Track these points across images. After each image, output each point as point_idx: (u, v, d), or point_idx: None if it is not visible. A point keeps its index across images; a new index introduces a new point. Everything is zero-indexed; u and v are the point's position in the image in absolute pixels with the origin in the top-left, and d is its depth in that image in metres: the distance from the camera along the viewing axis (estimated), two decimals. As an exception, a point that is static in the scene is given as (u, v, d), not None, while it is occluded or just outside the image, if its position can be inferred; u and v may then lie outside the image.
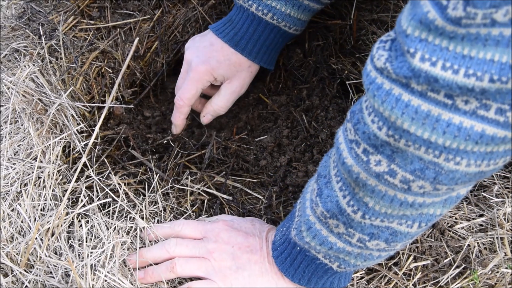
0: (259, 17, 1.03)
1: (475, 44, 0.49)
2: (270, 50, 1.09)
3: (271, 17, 1.03)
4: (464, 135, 0.55)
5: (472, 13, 0.47)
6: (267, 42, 1.07)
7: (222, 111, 1.13)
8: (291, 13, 1.02)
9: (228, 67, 1.07)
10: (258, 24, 1.04)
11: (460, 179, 0.60)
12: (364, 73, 0.61)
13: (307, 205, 0.78)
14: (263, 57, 1.09)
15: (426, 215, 0.68)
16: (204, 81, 1.07)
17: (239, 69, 1.09)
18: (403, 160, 0.60)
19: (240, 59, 1.08)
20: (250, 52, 1.07)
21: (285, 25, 1.04)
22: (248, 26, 1.05)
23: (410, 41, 0.53)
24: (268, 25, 1.04)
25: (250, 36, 1.06)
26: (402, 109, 0.56)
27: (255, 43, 1.06)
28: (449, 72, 0.51)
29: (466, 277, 0.90)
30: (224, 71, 1.08)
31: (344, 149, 0.67)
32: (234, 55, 1.07)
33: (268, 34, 1.06)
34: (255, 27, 1.05)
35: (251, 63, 1.09)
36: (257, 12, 1.03)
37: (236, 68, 1.08)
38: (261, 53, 1.08)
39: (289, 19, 1.03)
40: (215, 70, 1.07)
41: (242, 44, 1.06)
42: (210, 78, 1.08)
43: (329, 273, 0.81)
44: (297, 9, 1.02)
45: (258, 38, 1.06)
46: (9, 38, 1.10)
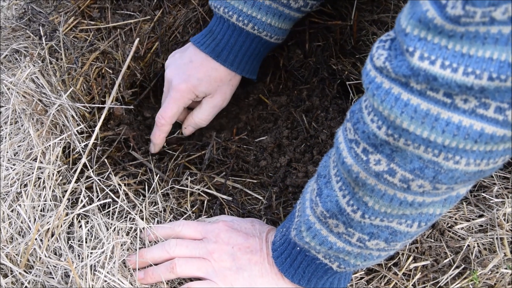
0: (239, 27, 1.02)
1: (474, 43, 0.49)
2: (252, 60, 1.08)
3: (251, 27, 1.02)
4: (463, 134, 0.55)
5: (471, 12, 0.47)
6: (249, 52, 1.06)
7: (203, 124, 1.13)
8: (271, 22, 1.02)
9: (209, 83, 1.07)
10: (239, 35, 1.03)
11: (460, 178, 0.60)
12: (364, 72, 0.61)
13: (307, 205, 0.78)
14: (245, 68, 1.08)
15: (426, 215, 0.68)
16: (185, 100, 1.07)
17: (220, 84, 1.08)
18: (403, 159, 0.60)
19: (221, 73, 1.07)
20: (231, 63, 1.06)
21: (266, 34, 1.03)
22: (229, 37, 1.04)
23: (409, 40, 0.53)
24: (249, 35, 1.03)
25: (231, 47, 1.05)
26: (402, 108, 0.56)
27: (236, 54, 1.05)
28: (448, 70, 0.51)
29: (465, 278, 0.90)
30: (205, 88, 1.07)
31: (344, 148, 0.67)
32: (214, 71, 1.06)
33: (249, 44, 1.05)
34: (236, 38, 1.04)
35: (232, 76, 1.09)
36: (237, 22, 1.02)
37: (217, 83, 1.08)
38: (243, 63, 1.07)
39: (270, 29, 1.03)
40: (196, 88, 1.06)
41: (223, 56, 1.05)
42: (191, 96, 1.07)
43: (329, 273, 0.81)
44: (277, 19, 1.02)
45: (239, 49, 1.05)
46: (10, 38, 1.11)
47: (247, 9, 1.00)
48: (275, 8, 1.00)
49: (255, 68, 1.12)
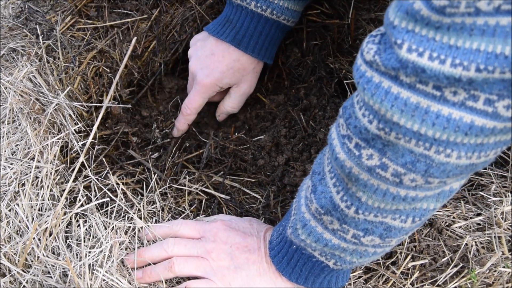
0: (258, 13, 1.05)
1: (461, 34, 0.49)
2: (272, 45, 1.11)
3: (270, 12, 1.04)
4: (454, 127, 0.55)
5: (456, 2, 0.48)
6: (269, 37, 1.08)
7: (235, 110, 1.18)
8: (288, 6, 1.04)
9: (233, 75, 1.10)
10: (258, 21, 1.06)
11: (451, 171, 0.60)
12: (355, 67, 0.62)
13: (302, 202, 0.78)
14: (266, 53, 1.10)
15: (420, 210, 0.68)
16: (210, 92, 1.11)
17: (244, 73, 1.11)
18: (394, 153, 0.61)
19: (243, 63, 1.10)
20: (253, 50, 1.08)
21: (284, 18, 1.06)
22: (248, 24, 1.06)
23: (397, 32, 0.53)
24: (268, 21, 1.05)
25: (251, 34, 1.07)
26: (392, 102, 0.56)
27: (257, 40, 1.07)
28: (436, 62, 0.51)
29: (463, 276, 0.90)
30: (229, 79, 1.10)
31: (337, 144, 0.67)
32: (237, 62, 1.09)
33: (269, 29, 1.07)
34: (255, 24, 1.06)
35: (255, 64, 1.11)
36: (255, 9, 1.04)
37: (240, 73, 1.11)
38: (264, 49, 1.09)
39: (287, 12, 1.05)
40: (220, 81, 1.10)
41: (244, 43, 1.07)
42: (216, 89, 1.11)
43: (325, 271, 0.81)
44: (293, 2, 1.05)
45: (259, 35, 1.07)
46: (7, 37, 1.10)
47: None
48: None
49: (274, 53, 1.14)
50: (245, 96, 1.17)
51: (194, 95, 1.11)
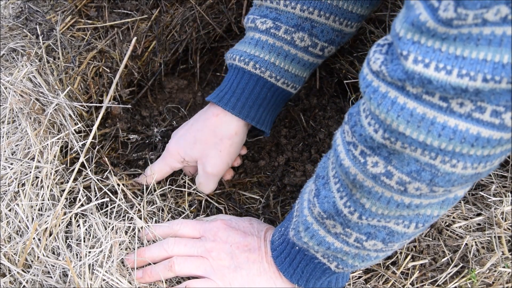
0: (240, 67, 0.96)
1: (467, 44, 0.49)
2: (258, 106, 0.97)
3: (253, 66, 0.94)
4: (460, 138, 0.55)
5: (463, 14, 0.47)
6: (253, 96, 0.96)
7: (206, 192, 1.02)
8: (275, 62, 0.94)
9: (194, 145, 0.98)
10: (241, 76, 0.96)
11: (457, 181, 0.60)
12: (361, 76, 0.61)
13: (305, 205, 0.78)
14: (250, 113, 0.96)
15: (423, 216, 0.68)
16: (172, 161, 1.00)
17: (205, 148, 0.98)
18: (400, 161, 0.60)
19: (205, 135, 0.97)
20: (233, 107, 0.96)
21: (270, 75, 0.95)
22: (232, 80, 0.97)
23: (403, 44, 0.53)
24: (252, 76, 0.95)
25: (233, 90, 0.96)
26: (398, 112, 0.56)
27: (239, 97, 0.96)
28: (442, 73, 0.51)
29: (463, 276, 0.90)
30: (189, 150, 0.98)
31: (342, 150, 0.67)
32: (199, 133, 0.98)
33: (252, 87, 0.96)
34: (239, 80, 0.96)
35: (219, 139, 0.97)
36: (239, 63, 0.96)
37: (201, 146, 0.98)
38: (247, 108, 0.96)
39: (274, 68, 0.95)
40: (181, 149, 0.99)
41: (225, 99, 0.96)
42: (178, 158, 0.99)
43: (327, 274, 0.81)
44: (283, 59, 0.94)
45: (242, 91, 0.96)
46: (7, 38, 1.10)
47: (249, 49, 0.95)
48: (279, 47, 0.93)
49: (264, 118, 0.99)
50: (212, 177, 0.99)
51: (158, 161, 1.01)
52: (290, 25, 0.92)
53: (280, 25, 0.92)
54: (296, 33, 0.92)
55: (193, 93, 1.24)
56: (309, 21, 0.91)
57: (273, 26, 0.92)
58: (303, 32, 0.92)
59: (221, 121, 0.97)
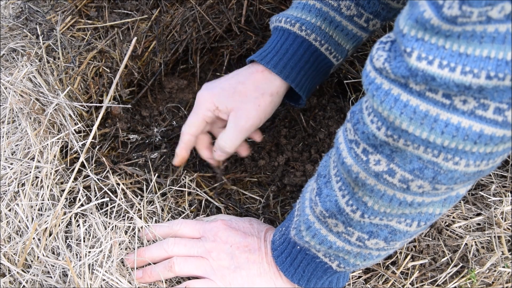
0: (285, 29, 0.94)
1: (471, 42, 0.49)
2: (299, 68, 0.95)
3: (299, 27, 0.93)
4: (463, 135, 0.55)
5: (468, 12, 0.47)
6: (296, 57, 0.94)
7: (228, 149, 0.96)
8: (321, 26, 0.93)
9: (232, 95, 0.95)
10: (284, 37, 0.94)
11: (459, 178, 0.60)
12: (364, 73, 0.61)
13: (306, 204, 0.78)
14: (290, 74, 0.95)
15: (426, 214, 0.68)
16: (204, 111, 0.96)
17: (244, 100, 0.94)
18: (402, 159, 0.60)
19: (247, 88, 0.95)
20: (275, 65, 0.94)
21: (315, 38, 0.93)
22: (275, 42, 0.95)
23: (406, 41, 0.53)
24: (297, 37, 0.93)
25: (277, 50, 0.94)
26: (401, 109, 0.56)
27: (281, 57, 0.94)
28: (446, 70, 0.51)
29: (463, 276, 0.90)
30: (225, 98, 0.95)
31: (344, 149, 0.67)
32: (241, 85, 0.95)
33: (296, 48, 0.94)
34: (280, 40, 0.95)
35: (260, 94, 0.94)
36: (284, 24, 0.94)
37: (240, 98, 0.94)
38: (288, 68, 0.94)
39: (320, 33, 0.93)
40: (215, 96, 0.95)
41: (268, 58, 0.94)
42: (211, 106, 0.95)
43: (328, 273, 0.81)
44: (328, 24, 0.93)
45: (285, 52, 0.94)
46: (7, 38, 1.10)
47: (296, 12, 0.94)
48: (326, 12, 0.92)
49: (303, 83, 0.97)
50: (243, 132, 0.95)
51: (190, 114, 0.98)
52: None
53: None
54: (343, 1, 0.91)
55: (193, 93, 1.24)
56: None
57: None
58: (350, 1, 0.91)
59: (266, 77, 0.95)
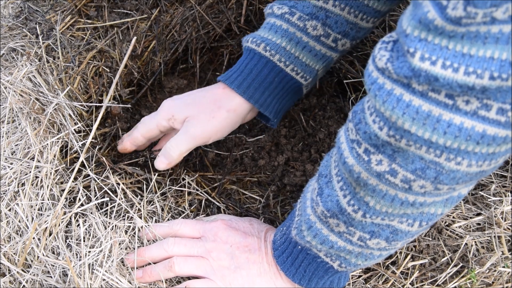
0: (250, 48, 0.95)
1: (474, 42, 0.49)
2: (264, 88, 0.95)
3: (263, 48, 0.94)
4: (465, 136, 0.55)
5: (473, 13, 0.47)
6: (259, 78, 0.94)
7: (173, 152, 0.95)
8: (286, 46, 0.93)
9: (189, 105, 0.96)
10: (250, 57, 0.95)
11: (461, 178, 0.60)
12: (366, 73, 0.61)
13: (307, 204, 0.78)
14: (254, 95, 0.95)
15: (427, 214, 0.68)
16: (160, 117, 0.97)
17: (200, 110, 0.95)
18: (404, 159, 0.60)
19: (206, 100, 0.95)
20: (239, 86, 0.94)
21: (279, 59, 0.94)
22: (241, 61, 0.96)
23: (409, 41, 0.53)
24: (261, 58, 0.94)
25: (241, 70, 0.95)
26: (403, 109, 0.56)
27: (245, 77, 0.94)
28: (449, 70, 0.51)
29: (463, 276, 0.90)
30: (183, 107, 0.96)
31: (346, 148, 0.67)
32: (201, 97, 0.96)
33: (260, 68, 0.94)
34: (248, 61, 0.95)
35: (217, 107, 0.94)
36: (251, 45, 0.95)
37: (197, 108, 0.95)
38: (251, 88, 0.95)
39: (284, 53, 0.93)
40: (174, 106, 0.97)
41: (232, 78, 0.95)
42: (167, 115, 0.97)
43: (329, 273, 0.81)
44: (294, 45, 0.93)
45: (249, 71, 0.95)
46: (6, 37, 1.10)
47: (263, 33, 0.95)
48: (292, 33, 0.93)
49: (269, 103, 0.97)
50: (192, 137, 0.94)
51: (148, 116, 1.00)
52: (305, 12, 0.92)
53: (295, 12, 0.92)
54: (309, 21, 0.91)
55: (193, 93, 1.24)
56: (323, 11, 0.91)
57: (288, 11, 0.93)
58: (316, 21, 0.91)
59: (226, 93, 0.95)
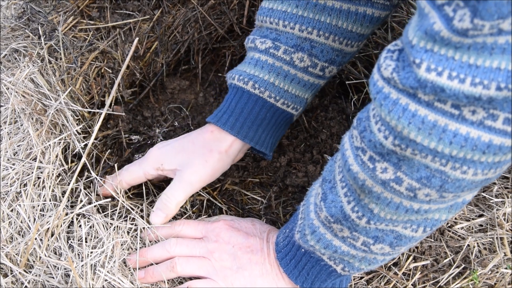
0: (237, 86, 0.93)
1: (481, 53, 0.49)
2: (255, 126, 0.94)
3: (252, 85, 0.92)
4: (471, 146, 0.54)
5: (480, 25, 0.47)
6: (251, 115, 0.93)
7: (170, 203, 0.92)
8: (275, 82, 0.92)
9: (179, 153, 0.93)
10: (236, 95, 0.94)
11: (467, 187, 0.60)
12: (371, 82, 0.61)
13: (311, 208, 0.78)
14: (248, 134, 0.93)
15: (432, 220, 0.68)
16: (148, 166, 0.95)
17: (191, 157, 0.93)
18: (410, 168, 0.60)
19: (195, 146, 0.93)
20: (232, 127, 0.92)
21: (269, 95, 0.92)
22: (229, 100, 0.94)
23: (415, 52, 0.53)
24: (251, 96, 0.92)
25: (228, 107, 0.94)
26: (409, 119, 0.56)
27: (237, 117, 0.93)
28: (455, 81, 0.51)
29: (465, 277, 0.90)
30: (172, 156, 0.94)
31: (350, 155, 0.67)
32: (190, 143, 0.94)
33: (251, 107, 0.93)
34: (233, 98, 0.94)
35: (208, 150, 0.93)
36: (238, 82, 0.93)
37: (187, 155, 0.93)
38: (240, 125, 0.93)
39: (274, 89, 0.92)
40: (163, 154, 0.94)
41: (223, 119, 0.93)
42: (155, 164, 0.94)
43: (332, 276, 0.81)
44: (283, 79, 0.92)
45: (240, 111, 0.93)
46: (9, 38, 1.10)
47: (249, 69, 0.93)
48: (279, 67, 0.91)
49: (264, 139, 0.95)
50: (188, 185, 0.92)
51: (134, 163, 0.97)
52: (290, 45, 0.89)
53: (280, 45, 0.90)
54: (295, 53, 0.90)
55: (195, 94, 1.24)
56: (308, 41, 0.89)
57: (272, 46, 0.90)
58: (302, 53, 0.89)
59: (215, 136, 0.94)
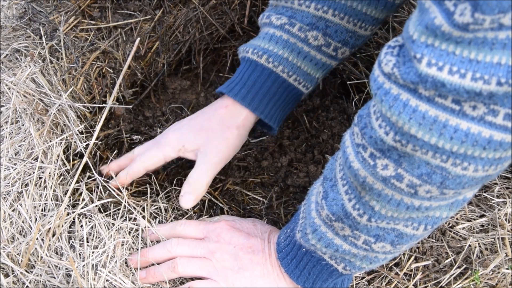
0: (252, 60, 0.94)
1: (482, 48, 0.49)
2: (267, 100, 0.95)
3: (266, 59, 0.93)
4: (472, 141, 0.54)
5: (480, 19, 0.47)
6: (263, 89, 0.94)
7: (200, 185, 0.94)
8: (289, 57, 0.93)
9: (198, 133, 0.95)
10: (251, 69, 0.95)
11: (467, 183, 0.60)
12: (372, 78, 0.61)
13: (312, 207, 0.78)
14: (259, 105, 0.95)
15: (433, 218, 0.68)
16: (169, 149, 0.96)
17: (211, 136, 0.94)
18: (410, 164, 0.60)
19: (212, 124, 0.95)
20: (243, 98, 0.94)
21: (282, 70, 0.93)
22: (242, 73, 0.95)
23: (416, 47, 0.53)
24: (264, 69, 0.94)
25: (244, 82, 0.95)
26: (410, 114, 0.56)
27: (249, 89, 0.94)
28: (456, 76, 0.51)
29: (467, 278, 0.90)
30: (192, 136, 0.95)
31: (351, 152, 0.67)
32: (206, 122, 0.96)
33: (264, 80, 0.94)
34: (247, 72, 0.95)
35: (227, 127, 0.95)
36: (252, 56, 0.94)
37: (207, 134, 0.95)
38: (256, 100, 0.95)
39: (287, 64, 0.93)
40: (183, 136, 0.96)
41: (235, 90, 0.95)
42: (177, 146, 0.95)
43: (334, 275, 0.81)
44: (296, 55, 0.94)
45: (253, 84, 0.94)
46: (10, 38, 1.10)
47: (263, 44, 0.94)
48: (293, 43, 0.92)
49: (273, 114, 0.97)
50: (213, 166, 0.94)
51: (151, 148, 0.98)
52: (305, 23, 0.91)
53: (295, 22, 0.91)
54: (310, 32, 0.91)
55: (196, 94, 1.24)
56: (323, 21, 0.90)
57: (287, 22, 0.92)
58: (317, 31, 0.91)
59: (230, 111, 0.95)
